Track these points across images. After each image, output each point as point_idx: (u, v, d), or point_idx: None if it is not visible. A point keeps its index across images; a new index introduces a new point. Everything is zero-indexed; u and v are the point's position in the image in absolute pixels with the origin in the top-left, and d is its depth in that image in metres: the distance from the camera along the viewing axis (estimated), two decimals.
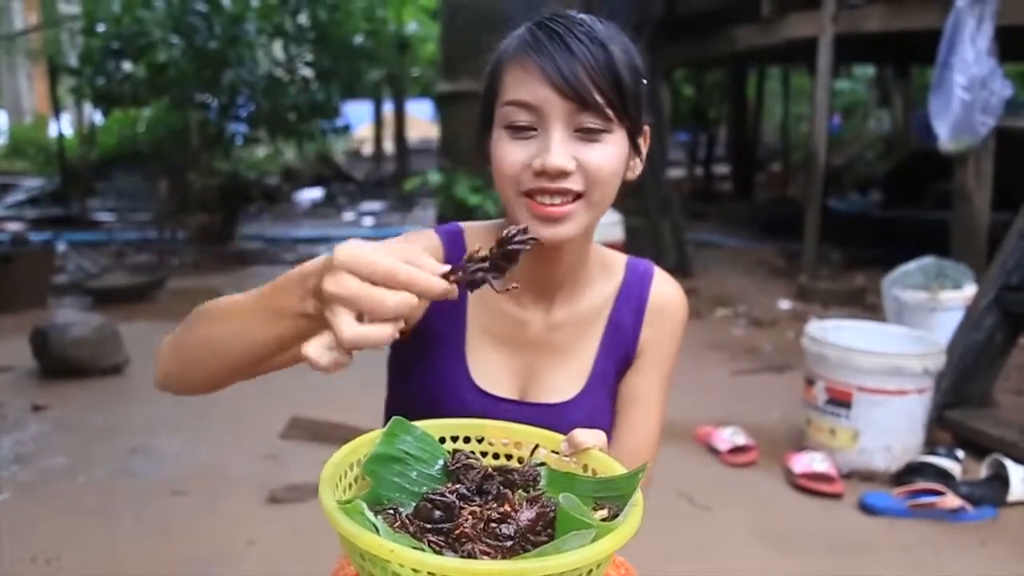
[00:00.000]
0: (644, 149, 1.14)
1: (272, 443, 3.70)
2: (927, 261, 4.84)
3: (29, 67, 17.27)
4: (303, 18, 9.47)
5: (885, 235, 8.94)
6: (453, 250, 1.18)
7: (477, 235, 1.20)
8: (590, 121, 1.01)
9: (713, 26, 8.12)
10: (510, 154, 1.03)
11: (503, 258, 0.78)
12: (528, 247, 0.78)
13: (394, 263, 0.72)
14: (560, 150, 1.00)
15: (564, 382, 1.18)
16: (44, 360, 4.60)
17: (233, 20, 8.56)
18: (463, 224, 1.23)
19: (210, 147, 9.78)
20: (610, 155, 1.04)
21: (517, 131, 1.03)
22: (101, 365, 4.62)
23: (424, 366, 1.18)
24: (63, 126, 12.15)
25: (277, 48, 9.65)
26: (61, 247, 8.47)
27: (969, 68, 4.85)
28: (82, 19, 9.42)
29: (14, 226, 9.82)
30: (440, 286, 0.74)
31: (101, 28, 8.83)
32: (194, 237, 9.22)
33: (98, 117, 12.04)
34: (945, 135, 5.00)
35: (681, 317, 1.25)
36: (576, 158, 1.02)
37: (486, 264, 0.78)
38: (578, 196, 1.03)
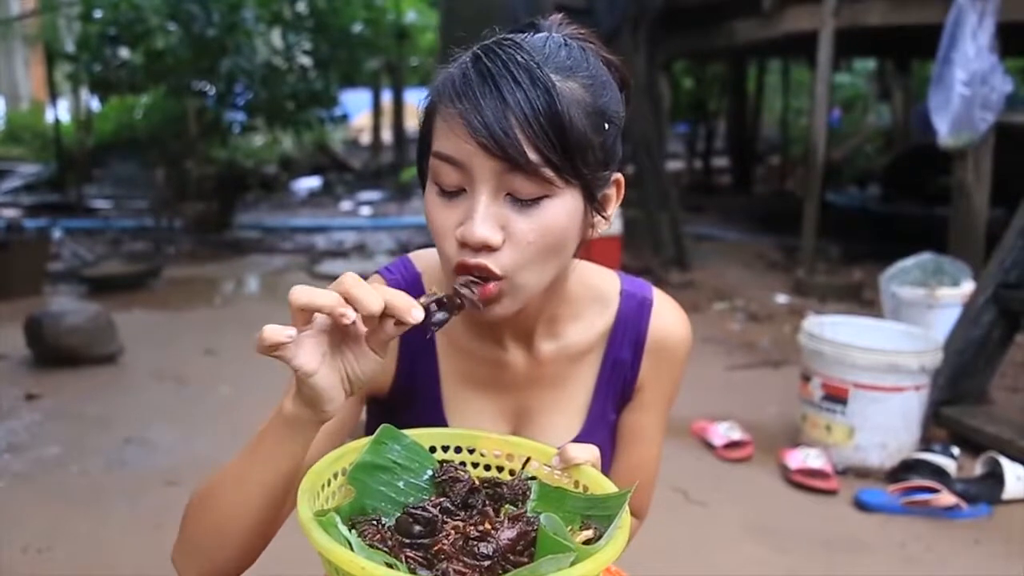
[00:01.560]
0: (616, 198, 0.98)
1: None
2: (925, 257, 4.83)
3: (26, 52, 17.15)
4: (302, 6, 9.45)
5: (883, 230, 8.93)
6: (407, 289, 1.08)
7: (437, 275, 1.06)
8: (524, 186, 0.84)
9: (713, 18, 8.09)
10: (438, 219, 0.89)
11: (450, 307, 0.80)
12: (472, 298, 0.81)
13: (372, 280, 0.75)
14: (482, 220, 0.84)
15: (561, 422, 1.10)
16: (38, 349, 4.59)
17: (231, 8, 8.53)
18: (420, 266, 1.10)
19: (207, 135, 9.76)
20: (547, 225, 0.86)
21: (446, 194, 0.88)
22: (95, 354, 4.60)
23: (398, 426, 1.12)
24: (60, 112, 12.09)
25: (275, 36, 9.61)
26: (57, 234, 8.44)
27: (970, 63, 4.83)
28: (79, 5, 9.37)
29: (9, 212, 9.79)
30: (406, 302, 0.75)
31: (98, 14, 8.80)
32: (191, 225, 9.20)
33: (95, 104, 11.99)
34: (945, 130, 5.00)
35: (683, 350, 1.14)
36: (506, 227, 0.86)
37: (442, 305, 0.81)
38: (500, 277, 0.87)
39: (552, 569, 0.69)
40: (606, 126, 0.89)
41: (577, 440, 1.09)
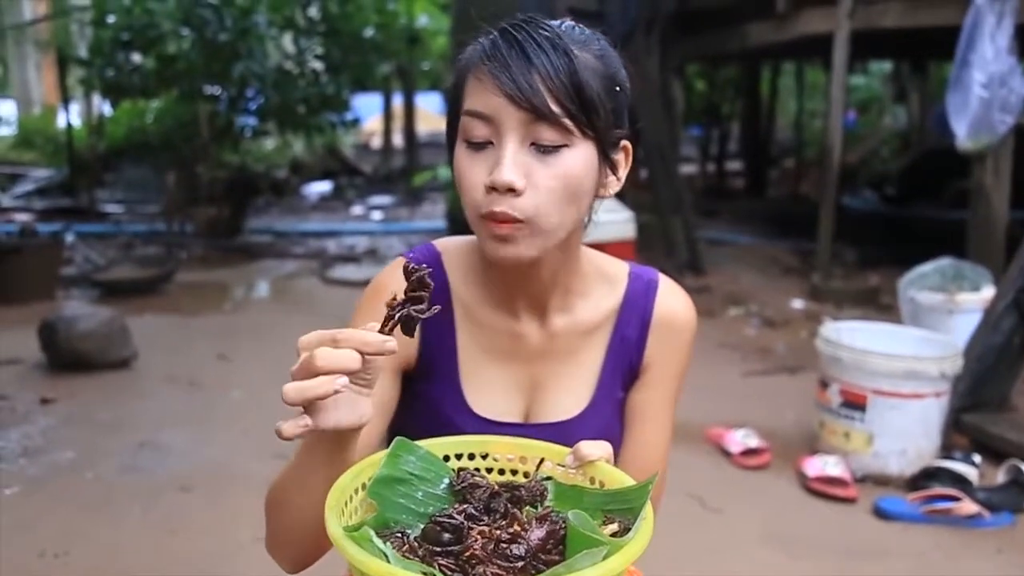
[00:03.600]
0: (625, 165, 1.08)
1: (280, 441, 3.67)
2: (944, 262, 4.81)
3: (38, 57, 17.28)
4: (313, 11, 9.48)
5: (900, 234, 8.90)
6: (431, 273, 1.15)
7: (457, 257, 1.17)
8: (546, 134, 0.96)
9: (726, 21, 8.08)
10: (467, 171, 0.99)
11: (414, 291, 0.83)
12: (425, 274, 0.83)
13: (332, 332, 0.80)
14: (510, 165, 0.95)
15: (569, 396, 1.15)
16: (52, 353, 4.61)
17: (243, 12, 8.57)
18: (440, 247, 1.18)
19: (219, 139, 9.81)
20: (567, 172, 0.97)
21: (474, 146, 0.99)
22: (109, 359, 4.63)
23: (420, 397, 1.15)
24: (72, 117, 12.18)
25: (287, 41, 9.66)
26: (69, 238, 8.50)
27: (988, 65, 4.81)
28: (92, 10, 9.44)
29: (22, 217, 9.86)
30: (375, 338, 0.80)
31: (111, 19, 8.85)
32: (202, 230, 9.24)
33: (107, 108, 12.06)
34: (963, 133, 4.97)
35: (689, 331, 1.19)
36: (529, 174, 0.96)
37: (405, 305, 0.83)
38: (521, 222, 0.97)
39: (587, 563, 0.70)
40: (616, 89, 1.01)
41: (585, 415, 1.14)
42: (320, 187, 14.35)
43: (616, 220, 5.67)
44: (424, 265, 0.83)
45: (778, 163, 15.87)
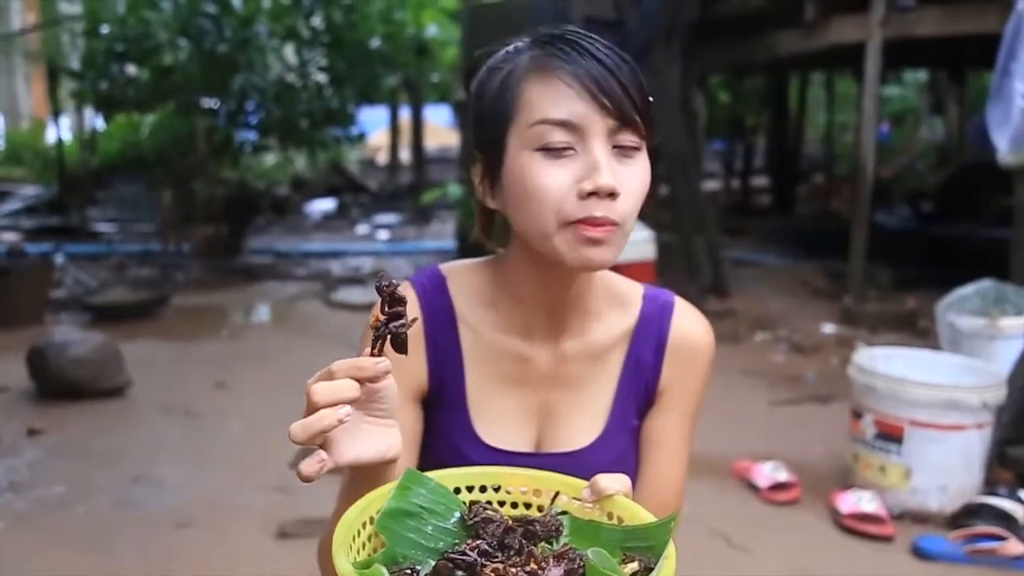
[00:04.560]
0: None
1: (282, 473, 3.71)
2: (986, 284, 4.79)
3: (27, 69, 17.48)
4: (317, 21, 9.55)
5: (938, 254, 8.87)
6: (433, 299, 1.17)
7: (463, 281, 1.19)
8: (628, 138, 1.01)
9: (752, 29, 8.12)
10: (550, 179, 1.00)
11: (392, 308, 0.87)
12: (395, 289, 0.87)
13: (328, 367, 0.84)
14: (609, 169, 0.99)
15: (582, 424, 1.16)
16: (41, 381, 4.65)
17: (244, 22, 8.66)
18: (446, 271, 1.20)
19: (217, 155, 9.89)
20: (644, 174, 1.04)
21: (553, 152, 1.00)
22: (102, 387, 4.65)
23: (429, 428, 1.17)
24: (62, 131, 12.29)
25: (289, 52, 9.74)
26: (59, 259, 8.56)
27: None
28: (84, 20, 9.55)
29: (10, 237, 9.94)
30: (367, 362, 0.84)
31: (105, 29, 8.95)
32: (199, 250, 9.31)
33: (100, 122, 12.18)
34: (1005, 147, 4.96)
35: (707, 355, 1.21)
36: (618, 179, 1.00)
37: (387, 324, 0.87)
38: (618, 224, 1.01)
39: None
40: (651, 100, 1.05)
41: (598, 444, 1.15)
42: (323, 205, 14.43)
43: (635, 240, 5.68)
44: (393, 280, 0.87)
45: (807, 179, 15.87)
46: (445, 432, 1.16)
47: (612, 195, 0.99)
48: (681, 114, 7.92)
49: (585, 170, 0.99)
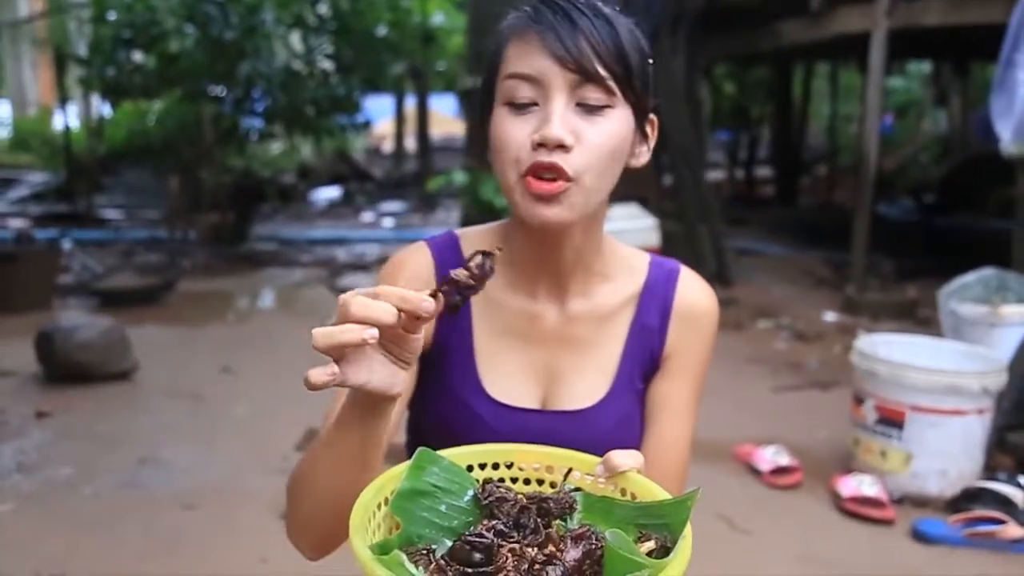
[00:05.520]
0: (652, 138, 1.14)
1: (287, 456, 3.73)
2: (987, 272, 4.79)
3: (34, 56, 17.46)
4: (323, 8, 9.54)
5: (940, 244, 8.86)
6: (448, 260, 1.18)
7: (475, 242, 1.19)
8: (592, 94, 1.02)
9: (757, 19, 8.09)
10: (511, 130, 1.04)
11: (473, 277, 0.86)
12: (489, 265, 0.86)
13: (374, 288, 0.83)
14: (560, 122, 1.01)
15: (588, 383, 1.17)
16: (48, 365, 4.66)
17: (250, 9, 8.64)
18: (459, 232, 1.23)
19: (223, 142, 9.89)
20: (611, 132, 1.04)
21: (518, 108, 1.04)
22: (108, 370, 4.67)
23: (436, 382, 1.18)
24: (69, 118, 12.29)
25: (295, 39, 9.73)
26: (67, 245, 8.58)
27: None
28: (91, 7, 9.53)
29: (18, 223, 9.96)
30: (414, 296, 0.82)
31: (112, 16, 8.94)
32: (205, 237, 9.32)
33: (106, 109, 12.18)
34: (1008, 137, 4.95)
35: (711, 321, 1.22)
36: (575, 133, 1.02)
37: (460, 286, 0.86)
38: (570, 179, 1.03)
39: None
40: (648, 60, 1.08)
41: (604, 404, 1.16)
42: (329, 193, 14.43)
43: (639, 227, 5.70)
44: (497, 248, 0.88)
45: (810, 170, 15.84)
46: (453, 387, 1.16)
47: (563, 147, 1.01)
48: (685, 104, 7.90)
49: (540, 123, 1.02)
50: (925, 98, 16.83)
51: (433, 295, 0.83)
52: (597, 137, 1.03)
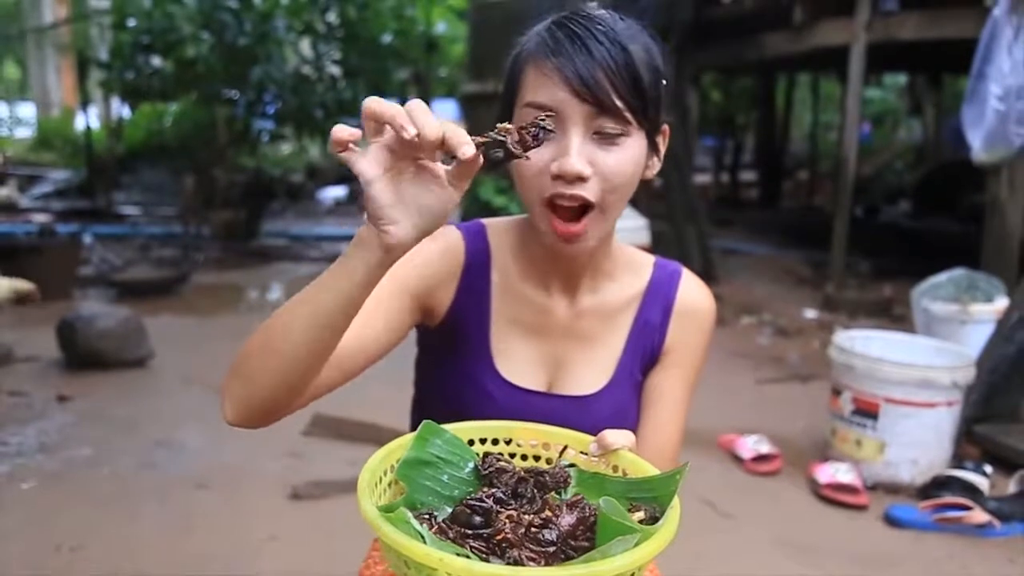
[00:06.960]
0: (663, 146, 1.14)
1: (295, 440, 3.72)
2: (958, 273, 4.80)
3: (58, 60, 17.45)
4: (332, 16, 9.54)
5: (914, 246, 8.88)
6: (475, 248, 1.19)
7: (500, 233, 1.22)
8: (608, 125, 1.02)
9: (743, 32, 8.10)
10: (533, 158, 1.01)
11: (533, 137, 0.86)
12: (541, 139, 0.86)
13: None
14: (578, 154, 1.01)
15: (590, 374, 1.19)
16: (70, 351, 4.65)
17: (263, 17, 8.64)
18: (486, 221, 1.24)
19: (236, 143, 9.88)
20: (627, 159, 1.04)
21: None
22: (126, 358, 4.66)
23: (449, 359, 1.19)
24: (91, 119, 12.27)
25: (305, 46, 9.73)
26: (87, 239, 8.56)
27: (1005, 78, 4.80)
28: (112, 13, 9.53)
29: (41, 217, 9.94)
30: (461, 131, 0.80)
31: (132, 23, 8.93)
32: (218, 232, 9.31)
33: (126, 111, 12.15)
34: (978, 145, 4.96)
35: (708, 320, 1.25)
36: (593, 162, 1.02)
37: (510, 141, 0.84)
38: (590, 205, 1.04)
39: (620, 550, 0.72)
40: (663, 82, 1.07)
41: (604, 393, 1.18)
42: (335, 192, 14.40)
43: (630, 227, 5.69)
44: (548, 128, 0.87)
45: (792, 175, 15.85)
46: (466, 364, 1.17)
47: (581, 179, 1.01)
48: (674, 111, 7.87)
49: (558, 153, 1.02)
50: (900, 108, 16.85)
51: (478, 145, 0.82)
52: (615, 166, 1.03)
